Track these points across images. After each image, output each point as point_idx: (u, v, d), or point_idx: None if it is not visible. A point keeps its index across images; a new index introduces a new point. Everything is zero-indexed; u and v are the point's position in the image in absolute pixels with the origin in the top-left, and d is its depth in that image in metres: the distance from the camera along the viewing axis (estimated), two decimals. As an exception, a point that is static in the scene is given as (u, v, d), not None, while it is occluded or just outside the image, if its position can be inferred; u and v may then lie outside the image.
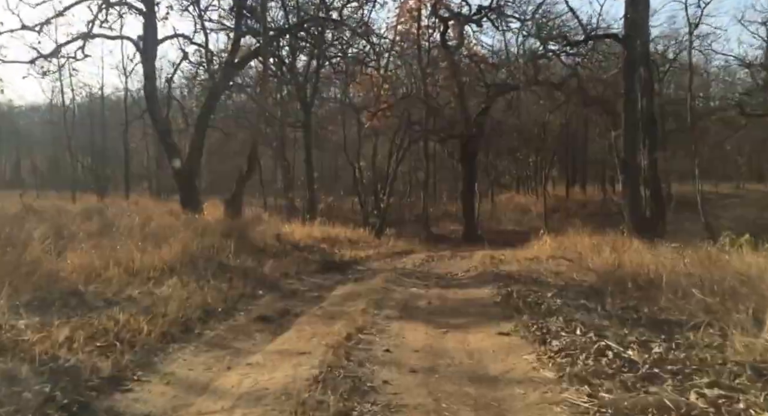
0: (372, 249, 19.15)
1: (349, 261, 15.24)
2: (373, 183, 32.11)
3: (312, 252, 14.74)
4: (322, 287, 10.06)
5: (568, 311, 7.19)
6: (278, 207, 32.39)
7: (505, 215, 33.17)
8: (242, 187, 15.82)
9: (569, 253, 15.70)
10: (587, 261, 13.20)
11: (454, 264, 15.70)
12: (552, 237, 18.21)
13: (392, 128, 31.47)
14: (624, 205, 17.22)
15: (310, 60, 28.34)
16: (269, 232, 15.39)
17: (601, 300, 8.03)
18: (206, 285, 8.50)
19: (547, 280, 10.48)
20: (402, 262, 16.21)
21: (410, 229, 30.46)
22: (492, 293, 9.01)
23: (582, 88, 25.37)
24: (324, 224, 22.71)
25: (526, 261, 14.96)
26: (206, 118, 17.09)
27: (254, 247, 13.16)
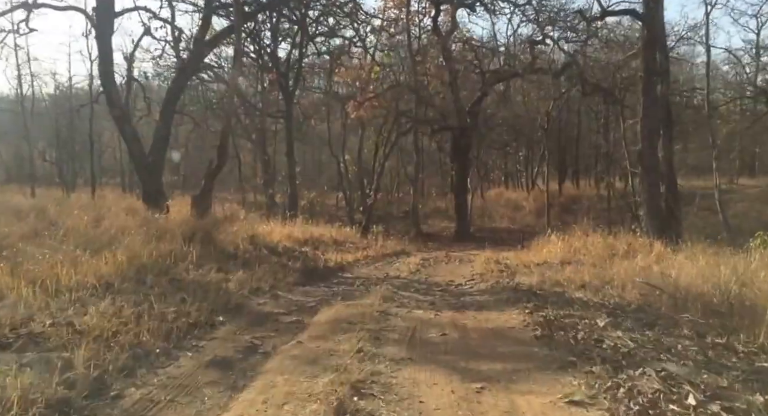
0: (360, 251, 16.95)
1: (334, 267, 13.03)
2: (359, 178, 29.90)
3: (292, 258, 12.49)
4: (302, 308, 7.81)
5: (647, 355, 5.04)
6: (258, 204, 30.07)
7: (496, 211, 31.08)
8: (212, 182, 13.51)
9: (585, 258, 13.73)
10: (612, 270, 11.19)
11: (455, 271, 13.55)
12: (559, 237, 16.12)
13: (379, 119, 29.32)
14: (641, 201, 15.14)
15: (293, 46, 26.01)
16: (243, 234, 13.11)
17: (675, 333, 5.91)
18: (147, 310, 6.26)
19: (582, 299, 8.33)
20: (395, 267, 14.04)
21: (398, 226, 28.31)
22: (522, 319, 6.83)
23: (582, 76, 23.28)
24: (307, 222, 20.48)
25: (537, 268, 12.93)
26: (173, 102, 14.75)
27: (223, 253, 10.90)
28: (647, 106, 14.82)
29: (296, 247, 14.42)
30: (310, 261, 12.79)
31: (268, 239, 14.10)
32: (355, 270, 13.23)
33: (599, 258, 13.52)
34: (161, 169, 14.57)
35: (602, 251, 13.95)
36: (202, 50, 14.67)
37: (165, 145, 14.53)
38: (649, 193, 14.86)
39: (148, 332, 5.59)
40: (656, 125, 14.93)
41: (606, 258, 13.44)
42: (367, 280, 11.31)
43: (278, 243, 14.01)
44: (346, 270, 13.12)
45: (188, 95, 31.23)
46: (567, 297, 8.56)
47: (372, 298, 8.21)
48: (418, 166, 26.89)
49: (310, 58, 31.54)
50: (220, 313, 6.92)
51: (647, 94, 14.78)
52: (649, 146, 14.81)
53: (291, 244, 14.82)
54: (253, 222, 18.29)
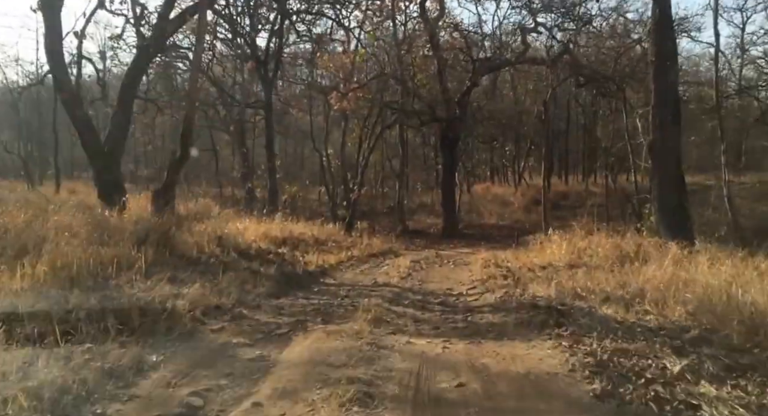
0: (343, 250, 15.06)
1: (315, 272, 11.15)
2: (342, 172, 27.96)
3: (266, 262, 10.58)
4: (270, 335, 5.93)
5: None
6: (237, 199, 28.08)
7: (484, 207, 29.24)
8: (175, 174, 11.57)
9: (593, 260, 12.06)
10: (632, 277, 9.53)
11: (451, 275, 11.73)
12: (560, 237, 14.38)
13: (363, 111, 27.40)
14: (652, 197, 13.39)
15: (272, 34, 23.96)
16: (210, 234, 11.19)
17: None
18: (46, 351, 4.37)
19: (617, 318, 6.58)
20: (383, 271, 12.19)
21: (383, 222, 26.43)
22: (563, 358, 5.00)
23: (576, 66, 21.54)
24: (286, 219, 18.57)
25: (543, 272, 11.21)
26: (132, 86, 12.76)
27: (182, 259, 8.99)
28: (659, 93, 13.03)
29: (272, 248, 12.51)
30: (287, 265, 10.89)
31: (240, 239, 12.16)
32: (338, 275, 11.37)
33: (609, 261, 11.87)
34: (119, 159, 12.59)
35: (610, 252, 12.27)
36: (165, 27, 12.65)
37: (123, 134, 12.55)
38: (661, 188, 13.10)
39: (31, 393, 3.69)
40: (669, 114, 13.19)
41: (616, 261, 11.80)
42: (353, 289, 9.47)
43: (252, 245, 12.09)
44: (328, 275, 11.26)
45: (163, 84, 29.21)
46: (599, 316, 6.77)
47: (359, 320, 6.35)
48: (404, 159, 25.02)
49: (292, 48, 29.64)
50: (156, 349, 5.02)
51: (659, 80, 13.00)
52: (661, 137, 13.03)
53: (267, 245, 12.90)
54: (226, 219, 16.43)
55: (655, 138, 13.12)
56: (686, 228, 13.03)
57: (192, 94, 12.05)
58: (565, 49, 22.07)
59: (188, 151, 11.23)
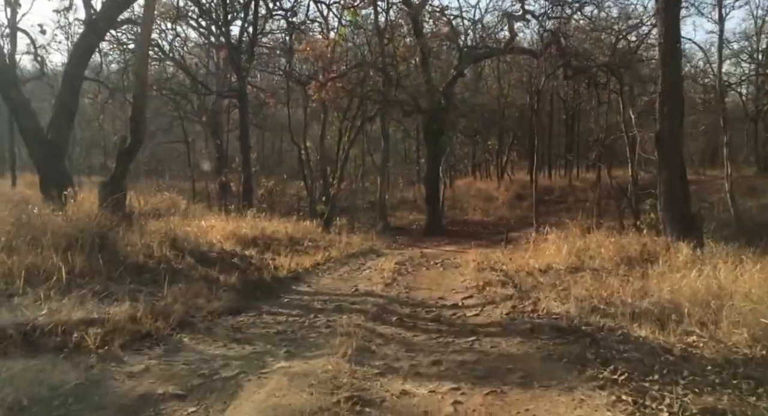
0: (321, 251, 13.37)
1: (286, 278, 9.46)
2: (322, 166, 26.23)
3: (228, 267, 8.86)
4: (210, 381, 4.21)
5: None
6: (210, 193, 26.23)
7: (468, 203, 27.71)
8: (126, 165, 9.76)
9: (596, 263, 10.60)
10: (651, 284, 8.10)
11: (442, 280, 10.11)
12: (556, 236, 12.84)
13: (344, 102, 25.67)
14: (658, 193, 11.84)
15: (245, 20, 22.15)
16: (168, 234, 9.44)
17: None
18: None
19: (665, 346, 5.05)
20: (365, 275, 10.52)
21: (364, 218, 24.76)
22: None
23: (565, 56, 20.01)
24: (261, 215, 16.84)
25: (544, 277, 9.75)
26: (80, 65, 10.91)
27: (123, 266, 7.24)
28: (667, 79, 11.50)
29: (239, 250, 10.78)
30: (253, 271, 9.18)
31: (201, 240, 10.43)
32: (314, 282, 9.68)
33: (614, 263, 10.43)
34: (63, 148, 10.77)
35: (613, 253, 10.82)
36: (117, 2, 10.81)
37: (69, 120, 10.74)
38: (669, 184, 11.57)
39: None
40: (678, 103, 11.70)
41: (621, 263, 10.39)
42: (330, 300, 7.80)
43: (215, 246, 10.35)
44: (302, 282, 9.57)
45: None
46: (638, 343, 5.22)
47: (336, 353, 4.69)
48: (386, 153, 23.32)
49: (269, 38, 27.79)
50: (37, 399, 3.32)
51: (667, 63, 11.47)
52: (669, 128, 11.50)
53: (233, 246, 11.17)
54: (192, 216, 14.70)
55: (663, 128, 11.58)
56: (695, 226, 11.56)
57: (140, 70, 10.22)
58: (554, 39, 20.50)
59: (140, 137, 9.46)
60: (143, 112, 9.87)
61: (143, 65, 10.42)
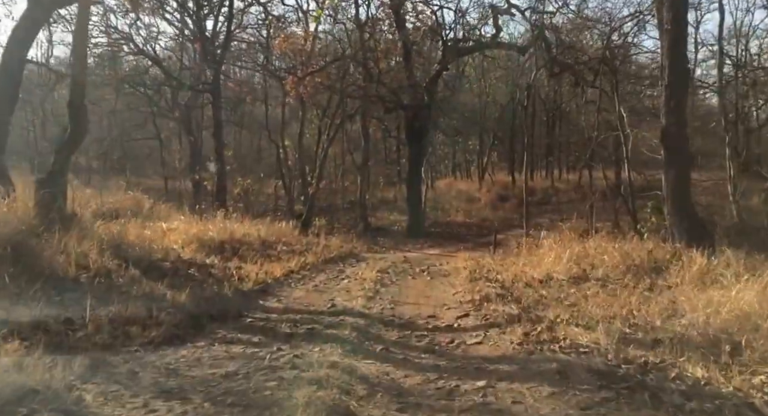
0: (296, 256, 11.85)
1: (252, 291, 7.97)
2: (301, 165, 24.67)
3: (182, 279, 7.36)
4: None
5: None
6: (184, 192, 24.54)
7: (449, 204, 26.30)
8: (66, 158, 8.19)
9: (600, 272, 9.31)
10: (679, 299, 6.89)
11: (432, 292, 8.67)
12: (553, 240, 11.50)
13: (323, 98, 24.18)
14: (665, 194, 10.52)
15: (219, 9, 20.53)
16: (114, 239, 7.89)
17: None
18: None
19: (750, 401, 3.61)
20: (343, 286, 9.05)
21: (344, 219, 23.25)
22: None
23: (550, 52, 18.68)
24: (233, 216, 15.31)
25: (546, 288, 8.38)
26: (23, 45, 9.30)
27: (46, 281, 5.70)
28: (674, 70, 10.19)
29: (200, 258, 9.25)
30: (212, 283, 7.66)
31: (156, 246, 8.88)
32: (285, 295, 8.19)
33: (620, 273, 9.14)
34: (2, 141, 9.14)
35: (618, 261, 9.51)
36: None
37: (7, 107, 9.10)
38: (676, 185, 10.26)
39: None
40: (685, 96, 10.44)
41: (628, 273, 9.11)
42: (301, 322, 6.33)
43: (170, 254, 8.80)
44: (271, 295, 8.09)
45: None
46: (704, 391, 3.83)
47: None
48: (367, 152, 21.84)
49: (247, 33, 26.12)
50: None
51: (674, 52, 10.14)
52: (675, 122, 10.19)
53: (193, 253, 9.66)
54: (156, 217, 13.14)
55: (669, 123, 10.27)
56: (706, 231, 10.28)
57: (79, 46, 8.64)
58: (540, 34, 19.16)
59: (82, 126, 7.90)
60: (83, 96, 8.28)
61: (82, 40, 8.80)
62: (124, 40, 23.67)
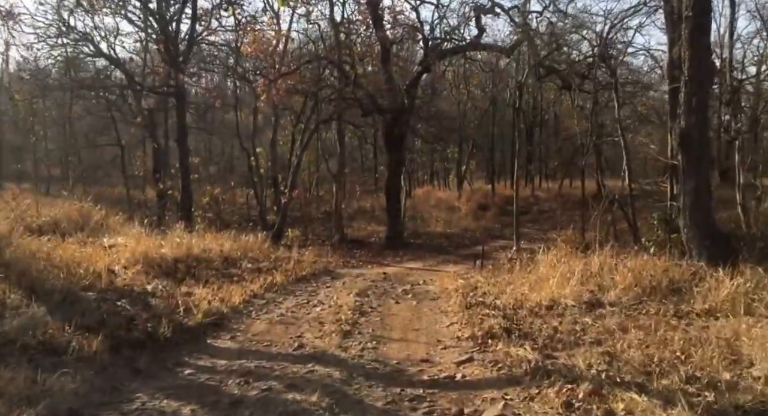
0: (262, 274, 10.17)
1: (198, 327, 6.28)
2: (273, 173, 22.96)
3: (103, 316, 5.62)
4: None
5: None
6: (147, 202, 22.65)
7: (428, 213, 24.73)
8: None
9: (613, 295, 7.86)
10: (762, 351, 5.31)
11: (421, 323, 7.06)
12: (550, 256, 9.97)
13: (295, 107, 22.61)
14: (682, 205, 9.07)
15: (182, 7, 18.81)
16: (25, 262, 6.15)
17: None
18: None
19: None
20: (314, 316, 7.38)
21: (319, 230, 21.58)
22: None
23: (536, 54, 17.30)
24: (197, 228, 13.59)
25: (556, 317, 6.89)
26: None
27: None
28: (696, 61, 8.74)
29: (140, 283, 7.52)
30: (147, 319, 5.93)
31: (88, 269, 7.15)
32: (241, 330, 6.53)
33: (636, 297, 7.76)
34: None
35: (630, 282, 8.05)
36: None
37: None
38: (696, 194, 8.82)
39: None
40: (707, 92, 9.05)
41: (645, 296, 7.70)
42: (255, 376, 4.72)
43: (102, 279, 7.07)
44: (223, 330, 6.44)
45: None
46: None
47: None
48: (342, 159, 20.19)
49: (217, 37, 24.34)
50: None
51: (696, 42, 8.74)
52: (696, 123, 8.77)
53: (136, 276, 7.92)
54: (104, 231, 11.37)
55: (689, 124, 8.84)
56: (731, 248, 8.84)
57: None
58: (526, 36, 17.78)
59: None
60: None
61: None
62: (84, 42, 21.78)
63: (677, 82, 10.73)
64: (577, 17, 16.18)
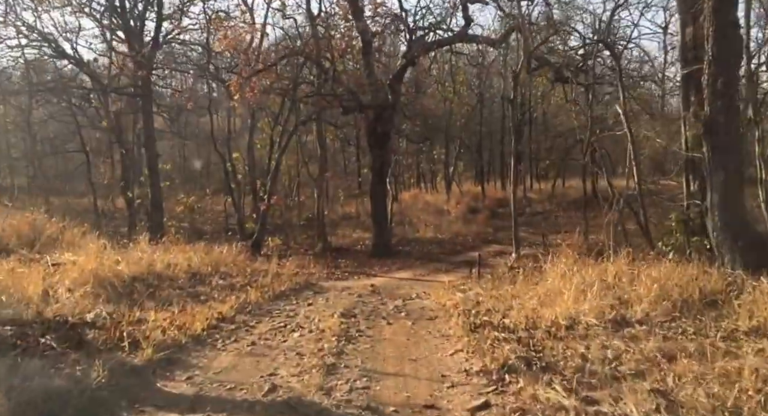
0: (233, 292, 9.07)
1: (148, 365, 5.14)
2: (251, 178, 21.85)
3: (17, 359, 4.46)
4: None
5: None
6: (115, 212, 21.37)
7: (417, 218, 23.66)
8: None
9: (638, 310, 6.83)
10: None
11: (418, 352, 5.94)
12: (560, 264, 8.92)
13: (273, 107, 21.53)
14: (711, 204, 8.05)
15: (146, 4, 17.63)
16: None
17: None
18: None
19: None
20: (292, 344, 6.27)
21: (301, 238, 20.47)
22: None
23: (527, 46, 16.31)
24: (166, 239, 12.41)
25: (577, 340, 5.90)
26: None
27: None
28: (722, 36, 7.77)
29: (81, 309, 6.34)
30: (78, 359, 4.78)
31: (16, 295, 5.97)
32: (202, 366, 5.41)
33: (665, 312, 6.76)
34: None
35: (656, 295, 7.03)
36: None
37: None
38: (726, 191, 7.82)
39: None
40: (737, 71, 8.06)
41: (675, 311, 6.68)
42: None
43: (30, 307, 5.89)
44: (179, 368, 5.31)
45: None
46: None
47: None
48: (324, 161, 19.09)
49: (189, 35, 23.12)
50: None
51: (722, 14, 7.74)
52: (723, 107, 7.78)
53: (81, 300, 6.75)
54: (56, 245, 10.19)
55: (715, 110, 7.86)
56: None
57: None
58: (516, 26, 16.81)
59: None
60: None
61: None
62: (44, 42, 20.47)
63: (691, 66, 9.84)
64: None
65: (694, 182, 10.25)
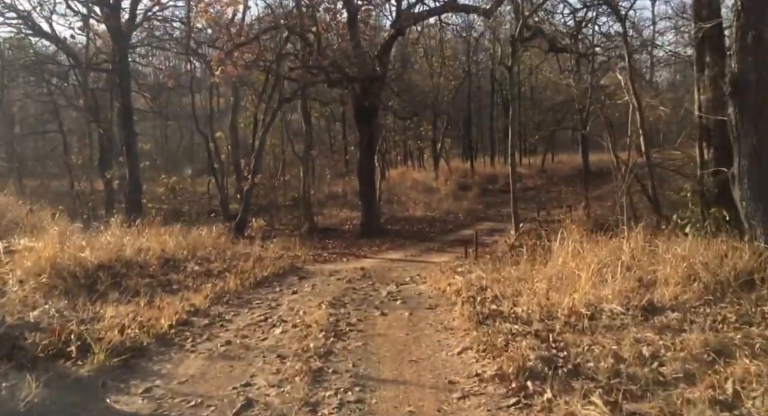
0: (210, 279, 8.10)
1: (98, 374, 4.18)
2: (234, 157, 20.73)
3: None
4: None
5: None
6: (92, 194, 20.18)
7: (406, 196, 22.72)
8: None
9: (665, 293, 5.92)
10: None
11: (419, 350, 5.02)
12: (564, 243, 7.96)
13: (256, 84, 20.39)
14: (737, 175, 7.13)
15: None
16: None
17: None
18: None
19: None
20: (273, 343, 5.33)
21: (286, 219, 19.48)
22: None
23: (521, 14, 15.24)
24: (142, 222, 11.33)
25: (603, 332, 4.99)
26: None
27: None
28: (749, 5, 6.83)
29: (29, 304, 5.36)
30: (4, 373, 3.82)
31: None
32: (164, 373, 4.47)
33: (698, 295, 5.93)
34: None
35: (683, 274, 6.17)
36: None
37: None
38: (756, 154, 6.92)
39: None
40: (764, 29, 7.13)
41: (708, 294, 5.80)
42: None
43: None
44: (136, 377, 4.37)
45: None
46: None
47: None
48: (309, 138, 18.00)
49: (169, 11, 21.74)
50: None
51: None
52: (754, 63, 6.79)
53: (32, 291, 5.80)
54: (19, 230, 9.15)
55: (744, 67, 6.92)
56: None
57: None
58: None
59: None
60: None
61: None
62: (22, 20, 19.05)
63: (707, 23, 8.87)
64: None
65: (707, 150, 9.37)
